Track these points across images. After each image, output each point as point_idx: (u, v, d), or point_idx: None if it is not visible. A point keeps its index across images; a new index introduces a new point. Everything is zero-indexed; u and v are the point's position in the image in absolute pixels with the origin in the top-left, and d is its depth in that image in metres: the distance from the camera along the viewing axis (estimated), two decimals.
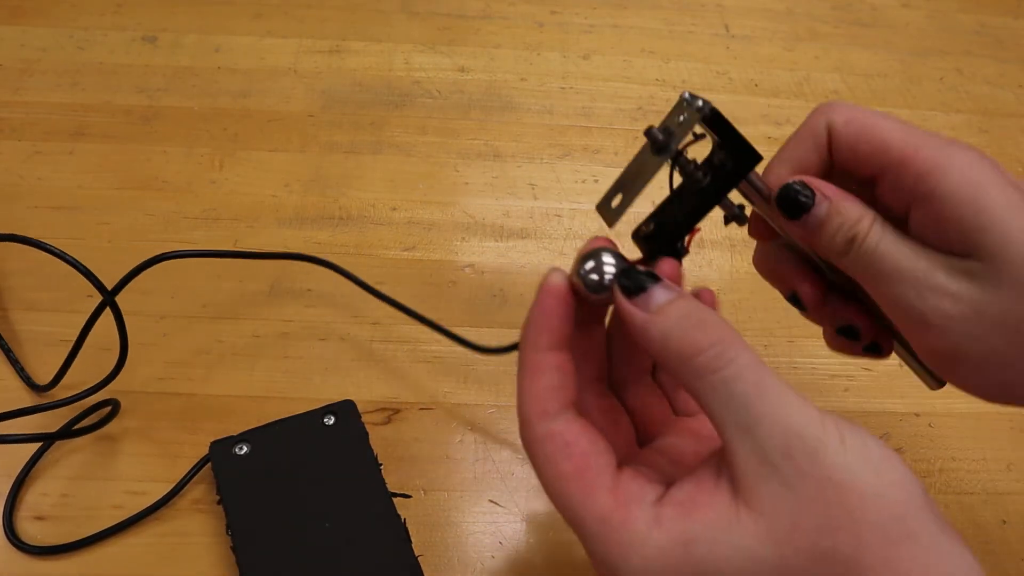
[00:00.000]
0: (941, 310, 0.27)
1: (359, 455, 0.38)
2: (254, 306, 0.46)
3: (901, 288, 0.28)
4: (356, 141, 0.56)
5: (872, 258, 0.28)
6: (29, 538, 0.36)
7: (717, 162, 0.30)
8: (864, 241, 0.28)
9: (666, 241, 0.31)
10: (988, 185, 0.26)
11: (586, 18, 0.68)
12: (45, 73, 0.58)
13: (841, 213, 0.29)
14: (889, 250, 0.28)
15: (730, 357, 0.24)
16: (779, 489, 0.23)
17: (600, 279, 0.28)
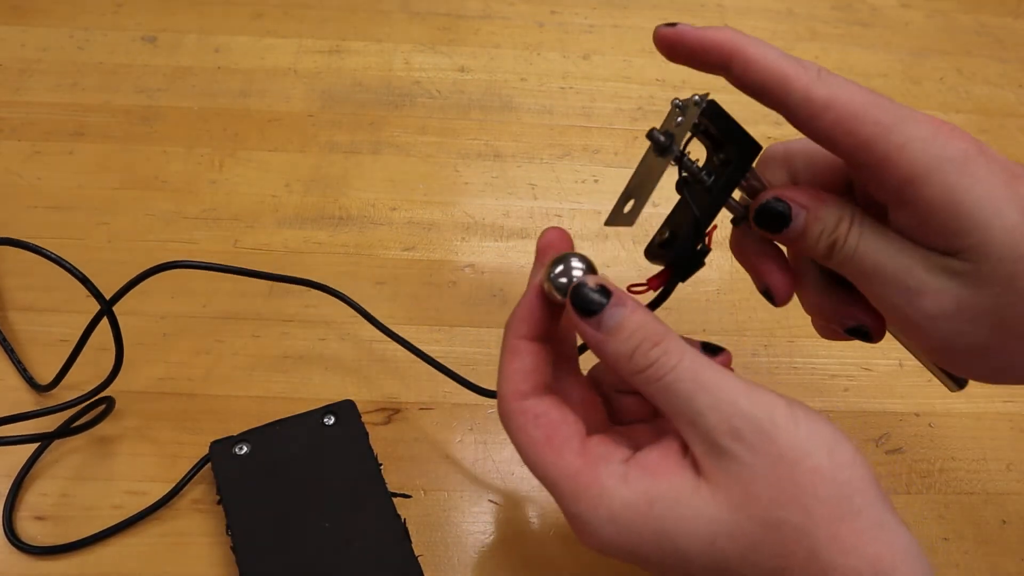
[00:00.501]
0: (923, 309, 0.27)
1: (359, 455, 0.38)
2: (254, 306, 0.46)
3: (883, 288, 0.28)
4: (356, 141, 0.56)
5: (853, 260, 0.29)
6: (29, 538, 0.36)
7: (718, 160, 0.30)
8: (844, 244, 0.29)
9: (684, 245, 0.31)
10: (970, 188, 0.26)
11: (586, 18, 0.68)
12: (45, 73, 0.58)
13: (821, 219, 0.29)
14: (868, 251, 0.28)
15: (671, 365, 0.27)
16: (732, 466, 0.26)
17: (568, 283, 0.29)
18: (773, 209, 0.29)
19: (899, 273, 0.27)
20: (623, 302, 0.28)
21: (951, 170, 0.26)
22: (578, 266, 0.29)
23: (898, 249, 0.28)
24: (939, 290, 0.27)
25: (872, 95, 0.27)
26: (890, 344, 0.47)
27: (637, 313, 0.28)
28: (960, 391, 0.32)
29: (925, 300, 0.27)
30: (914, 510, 0.41)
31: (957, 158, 0.26)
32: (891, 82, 0.66)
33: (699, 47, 0.29)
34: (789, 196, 0.30)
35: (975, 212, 0.26)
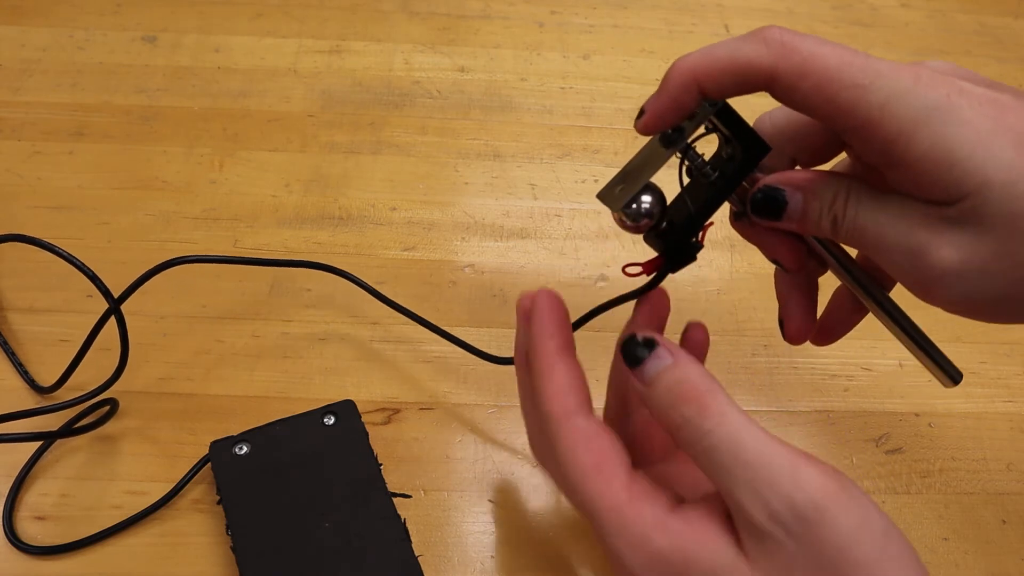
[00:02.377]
0: (931, 267, 0.26)
1: (359, 455, 0.38)
2: (254, 306, 0.46)
3: (891, 255, 0.27)
4: (356, 141, 0.56)
5: (856, 232, 0.28)
6: (29, 538, 0.36)
7: (726, 155, 0.30)
8: (844, 218, 0.28)
9: (679, 237, 0.31)
10: (958, 133, 0.25)
11: (586, 18, 0.68)
12: (45, 73, 0.58)
13: (818, 198, 0.29)
14: (869, 220, 0.28)
15: (708, 429, 0.26)
16: (772, 548, 0.24)
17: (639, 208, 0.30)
18: (768, 197, 0.29)
19: (901, 236, 0.27)
20: (663, 356, 0.28)
21: (936, 120, 0.25)
22: (646, 199, 0.30)
23: (898, 212, 0.27)
24: (944, 245, 0.26)
25: (844, 53, 0.26)
26: (890, 344, 0.47)
27: (678, 369, 0.27)
28: (956, 387, 0.32)
29: (931, 258, 0.26)
30: (914, 510, 0.41)
31: (941, 105, 0.25)
32: None
33: (672, 108, 0.28)
34: (783, 181, 0.29)
35: (968, 158, 0.25)
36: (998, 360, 0.47)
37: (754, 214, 0.30)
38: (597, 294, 0.48)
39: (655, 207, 0.30)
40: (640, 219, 0.30)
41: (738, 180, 0.30)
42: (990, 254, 0.25)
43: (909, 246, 0.27)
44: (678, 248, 0.31)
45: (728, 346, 0.47)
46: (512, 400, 0.43)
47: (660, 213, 0.30)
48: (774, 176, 0.30)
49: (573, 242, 0.51)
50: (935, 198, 0.26)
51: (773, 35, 0.27)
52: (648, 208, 0.30)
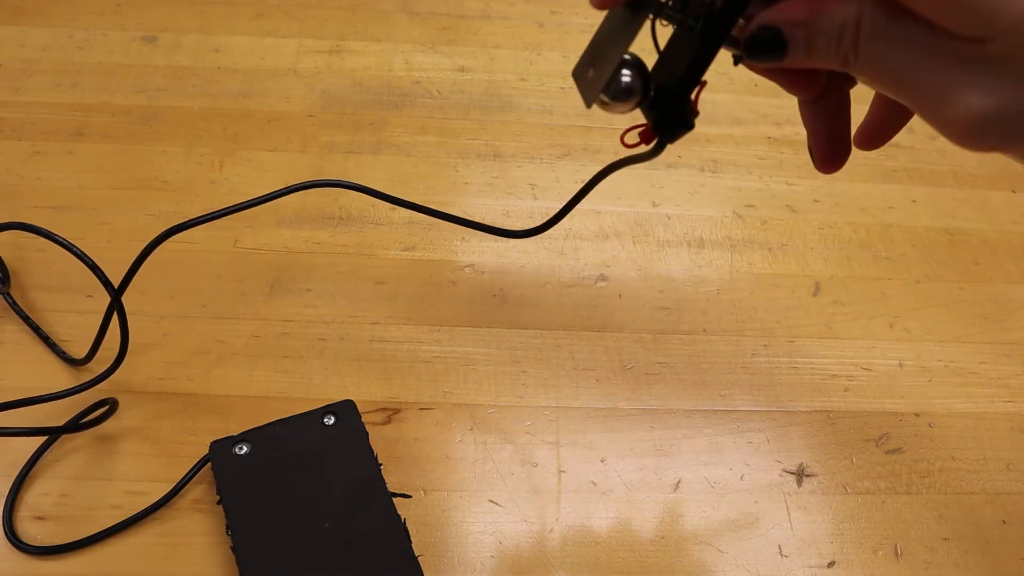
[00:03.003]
0: (963, 116, 0.23)
1: (359, 455, 0.38)
2: (254, 306, 0.46)
3: (912, 97, 0.24)
4: (356, 141, 0.56)
5: (871, 69, 0.24)
6: (29, 538, 0.36)
7: (708, 1, 0.26)
8: (856, 56, 0.24)
9: (672, 103, 0.27)
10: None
11: (586, 18, 0.68)
12: (45, 73, 0.58)
13: (823, 32, 0.24)
14: (884, 58, 0.24)
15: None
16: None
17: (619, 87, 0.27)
18: (764, 38, 0.25)
19: (925, 77, 0.23)
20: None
21: None
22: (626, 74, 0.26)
23: (920, 48, 0.23)
24: (975, 89, 0.22)
25: None
26: (890, 344, 0.48)
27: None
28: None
29: (961, 103, 0.23)
30: (914, 510, 0.41)
31: None
32: None
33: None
34: (780, 17, 0.25)
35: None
36: (998, 360, 0.47)
37: (750, 58, 0.26)
38: (597, 294, 0.48)
39: (636, 81, 0.27)
40: (623, 98, 0.27)
41: (726, 27, 0.26)
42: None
43: (935, 89, 0.23)
44: (670, 117, 0.27)
45: (728, 346, 0.47)
46: (512, 400, 0.43)
47: (643, 87, 0.27)
48: (769, 13, 0.26)
49: (573, 242, 0.51)
50: (962, 33, 0.22)
51: None
52: (629, 83, 0.26)
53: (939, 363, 0.47)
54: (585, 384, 0.44)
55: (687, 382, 0.45)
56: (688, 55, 0.27)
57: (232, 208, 0.39)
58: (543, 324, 0.47)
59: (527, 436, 0.42)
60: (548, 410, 0.43)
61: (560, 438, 0.42)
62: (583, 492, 0.40)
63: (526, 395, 0.43)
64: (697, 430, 0.43)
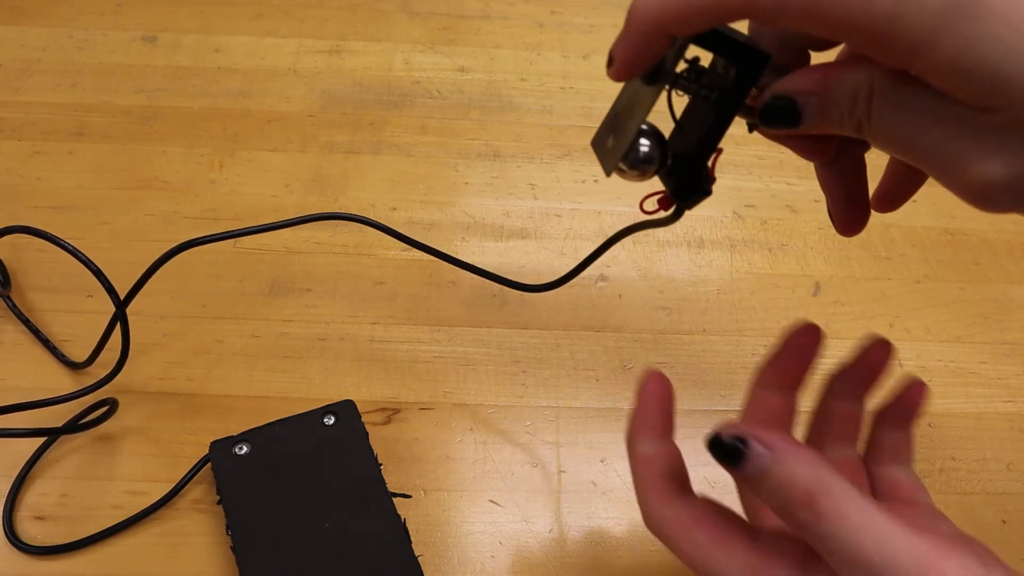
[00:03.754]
0: (977, 182, 0.23)
1: (359, 455, 0.38)
2: (254, 306, 0.46)
3: (926, 163, 0.24)
4: (356, 141, 0.56)
5: (882, 137, 0.25)
6: (29, 538, 0.36)
7: (722, 69, 0.27)
8: (870, 124, 0.24)
9: (689, 171, 0.28)
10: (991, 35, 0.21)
11: (586, 18, 0.68)
12: (45, 73, 0.58)
13: (835, 102, 0.25)
14: (897, 126, 0.24)
15: (823, 532, 0.24)
16: None
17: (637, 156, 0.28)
18: (777, 108, 0.26)
19: (938, 144, 0.23)
20: (761, 453, 0.25)
21: (961, 24, 0.21)
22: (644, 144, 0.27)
23: (932, 116, 0.23)
24: (989, 156, 0.22)
25: None
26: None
27: (779, 466, 0.25)
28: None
29: (975, 170, 0.23)
30: None
31: (964, 5, 0.21)
32: None
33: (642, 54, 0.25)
34: (793, 88, 0.26)
35: (1003, 60, 0.21)
36: (998, 360, 0.47)
37: (765, 126, 0.27)
38: (597, 294, 0.48)
39: (654, 151, 0.27)
40: (641, 167, 0.27)
41: (740, 98, 0.26)
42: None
43: (948, 156, 0.23)
44: (688, 184, 0.28)
45: (728, 346, 0.47)
46: (511, 400, 0.43)
47: (661, 155, 0.28)
48: (782, 83, 0.26)
49: (573, 242, 0.51)
50: (972, 103, 0.22)
51: None
52: (647, 152, 0.27)
53: (939, 363, 0.47)
54: (585, 384, 0.44)
55: (687, 382, 0.45)
56: (704, 124, 0.27)
57: (252, 229, 0.40)
58: (543, 324, 0.47)
59: (527, 436, 0.42)
60: (548, 410, 0.43)
61: (560, 438, 0.42)
62: (583, 492, 0.40)
63: (526, 395, 0.43)
64: (697, 430, 0.43)
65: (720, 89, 0.27)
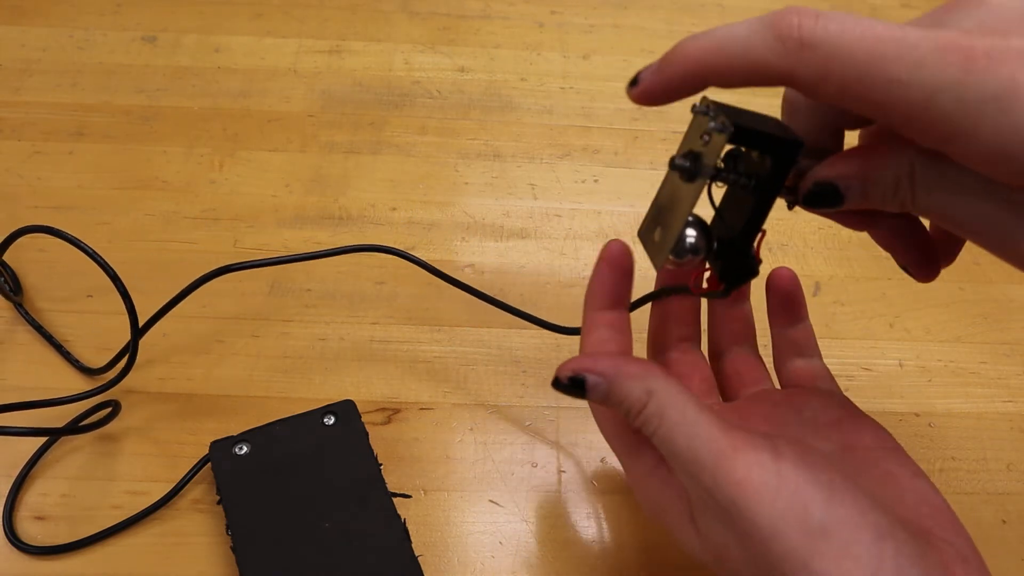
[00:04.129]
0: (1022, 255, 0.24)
1: (359, 455, 0.38)
2: (254, 306, 0.46)
3: (971, 236, 0.25)
4: (356, 141, 0.56)
5: (926, 213, 0.25)
6: (29, 538, 0.36)
7: (758, 158, 0.28)
8: (913, 202, 0.25)
9: (734, 255, 0.29)
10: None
11: (586, 18, 0.68)
12: (45, 73, 0.58)
13: (878, 184, 0.25)
14: (940, 204, 0.25)
15: (652, 431, 0.28)
16: (711, 526, 0.27)
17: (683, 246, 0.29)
18: (820, 193, 0.27)
19: (981, 220, 0.24)
20: (598, 385, 0.29)
21: (998, 112, 0.21)
22: (690, 235, 0.29)
23: (974, 194, 0.23)
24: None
25: (874, 42, 0.22)
26: (890, 344, 0.48)
27: (614, 391, 0.29)
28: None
29: (1020, 245, 0.23)
30: None
31: (1003, 94, 0.21)
32: None
33: (670, 90, 0.26)
34: (834, 174, 0.26)
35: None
36: (998, 360, 0.47)
37: (809, 209, 0.28)
38: None
39: (700, 241, 0.29)
40: (689, 257, 0.29)
41: (778, 185, 0.28)
42: None
43: (998, 231, 0.24)
44: (735, 268, 0.29)
45: None
46: (511, 400, 0.43)
47: (707, 244, 0.29)
48: (824, 170, 0.27)
49: (573, 242, 0.51)
50: (1015, 185, 0.23)
51: (790, 31, 0.23)
52: (693, 244, 0.29)
53: (939, 363, 0.47)
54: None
55: None
56: (745, 210, 0.28)
57: (289, 258, 0.41)
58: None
59: (527, 436, 0.42)
60: (548, 410, 0.43)
61: (560, 438, 0.42)
62: (583, 492, 0.40)
63: (526, 395, 0.43)
64: None
65: (757, 176, 0.28)
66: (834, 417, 0.32)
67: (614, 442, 0.32)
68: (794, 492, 0.25)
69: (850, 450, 0.30)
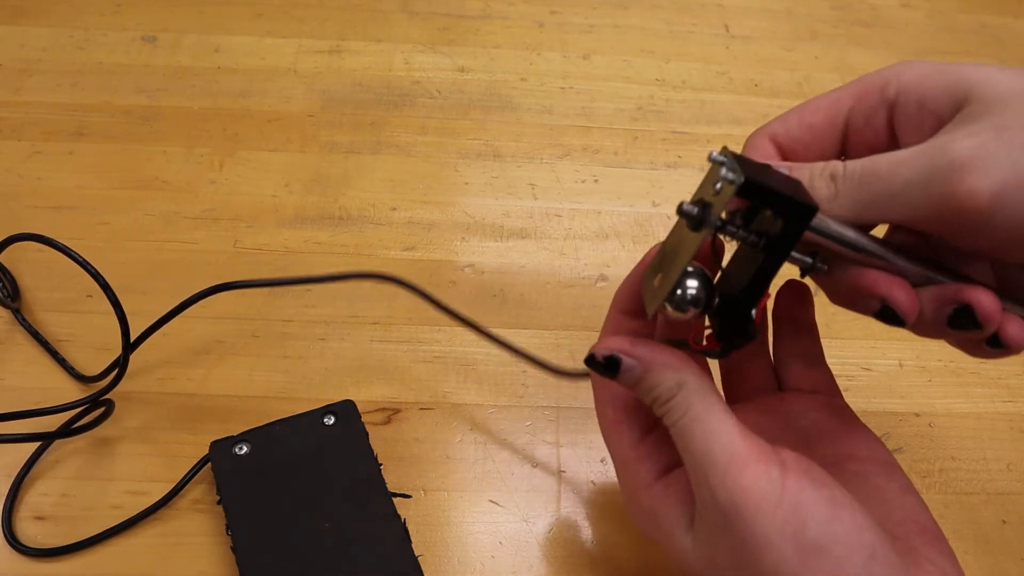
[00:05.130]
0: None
1: (359, 455, 0.38)
2: (254, 306, 0.46)
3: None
4: (356, 141, 0.56)
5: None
6: (29, 538, 0.36)
7: (771, 216, 0.27)
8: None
9: (735, 314, 0.29)
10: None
11: (586, 18, 0.68)
12: (45, 73, 0.58)
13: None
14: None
15: (673, 422, 0.28)
16: (708, 530, 0.27)
17: (684, 296, 0.29)
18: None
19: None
20: (632, 367, 0.29)
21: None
22: (691, 285, 0.28)
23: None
24: None
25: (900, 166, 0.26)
26: (890, 344, 0.48)
27: (648, 377, 0.29)
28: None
29: None
30: None
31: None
32: None
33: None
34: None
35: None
36: (998, 360, 0.47)
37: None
38: (597, 294, 0.48)
39: (700, 293, 0.28)
40: (685, 308, 0.28)
41: (787, 248, 0.27)
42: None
43: None
44: (731, 328, 0.29)
45: None
46: (511, 400, 0.43)
47: (707, 296, 0.28)
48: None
49: (573, 242, 0.51)
50: None
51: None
52: (694, 295, 0.28)
53: (939, 363, 0.47)
54: (585, 384, 0.44)
55: None
56: (751, 268, 0.28)
57: (289, 280, 0.42)
58: (543, 324, 0.47)
59: (527, 436, 0.42)
60: (548, 410, 0.43)
61: (560, 438, 0.42)
62: (583, 492, 0.40)
63: (526, 395, 0.43)
64: None
65: (767, 236, 0.27)
66: (830, 427, 0.33)
67: (620, 449, 0.32)
68: (795, 507, 0.25)
69: (843, 462, 0.31)
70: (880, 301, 0.28)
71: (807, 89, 0.64)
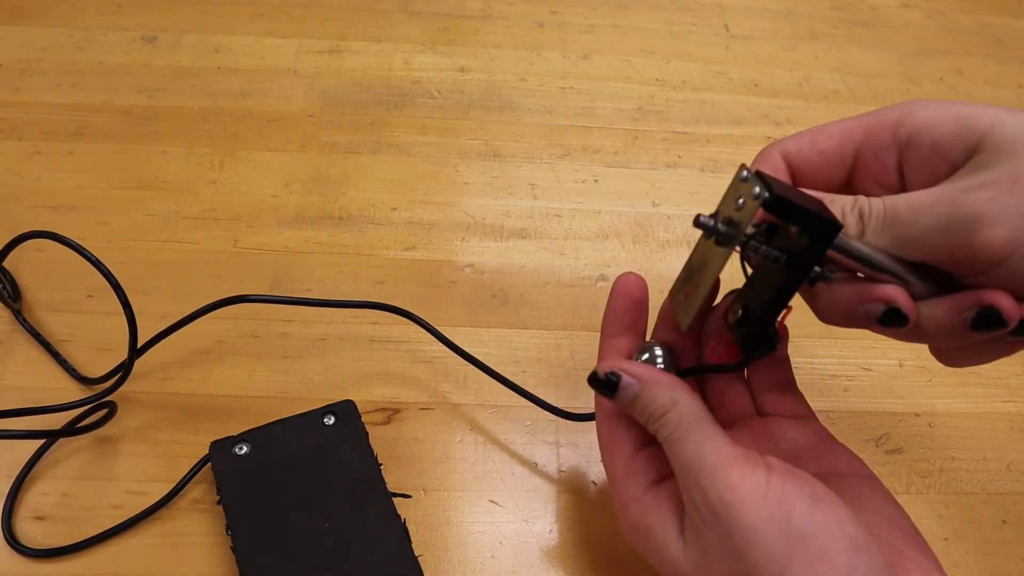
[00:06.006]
0: None
1: (359, 455, 0.38)
2: (254, 306, 0.46)
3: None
4: (356, 141, 0.56)
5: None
6: (29, 538, 0.36)
7: (795, 233, 0.28)
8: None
9: (757, 325, 0.30)
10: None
11: (586, 18, 0.68)
12: (45, 73, 0.58)
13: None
14: None
15: (665, 436, 0.30)
16: (698, 532, 0.28)
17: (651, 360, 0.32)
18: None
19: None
20: (630, 385, 0.31)
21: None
22: (660, 354, 0.31)
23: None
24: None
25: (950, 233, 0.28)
26: (890, 344, 0.47)
27: (644, 393, 0.31)
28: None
29: None
30: (914, 510, 0.41)
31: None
32: (890, 82, 0.66)
33: None
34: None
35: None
36: (998, 360, 0.47)
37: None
38: (597, 294, 0.48)
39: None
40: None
41: (811, 264, 0.28)
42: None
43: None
44: (756, 338, 0.30)
45: None
46: (511, 400, 0.43)
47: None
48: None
49: (573, 242, 0.51)
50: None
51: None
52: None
53: (939, 363, 0.47)
54: (585, 384, 0.44)
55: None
56: (775, 282, 0.29)
57: (307, 300, 0.42)
58: (543, 324, 0.47)
59: (527, 436, 0.42)
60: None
61: (560, 438, 0.42)
62: (583, 492, 0.40)
63: None
64: None
65: (791, 252, 0.28)
66: (811, 446, 0.34)
67: (614, 464, 0.33)
68: (780, 499, 0.27)
69: (826, 477, 0.32)
70: (884, 304, 0.29)
71: (807, 89, 0.64)
